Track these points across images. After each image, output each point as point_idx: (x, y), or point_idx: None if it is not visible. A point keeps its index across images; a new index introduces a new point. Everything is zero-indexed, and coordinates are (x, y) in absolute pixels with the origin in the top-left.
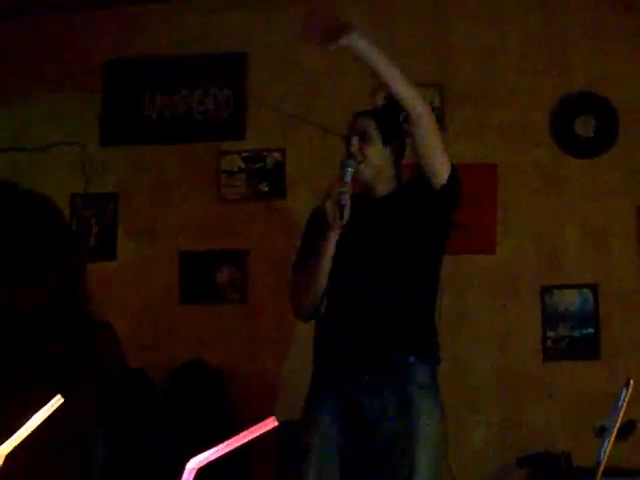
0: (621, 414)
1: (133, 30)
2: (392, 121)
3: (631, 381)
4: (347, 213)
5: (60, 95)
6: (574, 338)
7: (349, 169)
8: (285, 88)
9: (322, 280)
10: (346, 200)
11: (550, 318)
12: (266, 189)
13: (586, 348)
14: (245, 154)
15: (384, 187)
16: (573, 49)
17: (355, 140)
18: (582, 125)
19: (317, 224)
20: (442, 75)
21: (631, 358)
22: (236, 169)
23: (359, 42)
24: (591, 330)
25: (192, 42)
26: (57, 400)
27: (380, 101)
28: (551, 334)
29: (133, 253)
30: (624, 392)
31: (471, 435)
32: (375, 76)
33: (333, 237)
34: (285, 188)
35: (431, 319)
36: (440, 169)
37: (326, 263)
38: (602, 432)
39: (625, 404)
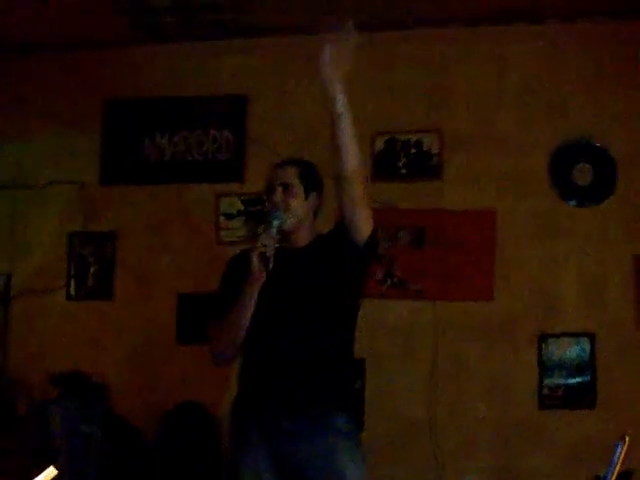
0: (617, 469)
1: (134, 70)
2: (313, 173)
3: (626, 437)
4: (271, 265)
5: (59, 133)
6: (570, 386)
7: (275, 221)
8: (285, 131)
9: (243, 330)
10: (272, 253)
11: (546, 366)
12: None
13: (582, 397)
14: (244, 197)
15: (303, 237)
16: (571, 97)
17: (280, 190)
18: (580, 173)
19: (235, 272)
20: (441, 121)
21: (627, 407)
22: (235, 212)
23: (337, 82)
24: (587, 379)
25: (193, 84)
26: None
27: (380, 146)
28: (547, 382)
29: (131, 293)
30: (620, 447)
31: None
32: (333, 118)
33: (256, 288)
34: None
35: (348, 367)
36: (364, 226)
37: (249, 313)
38: None
39: (621, 459)
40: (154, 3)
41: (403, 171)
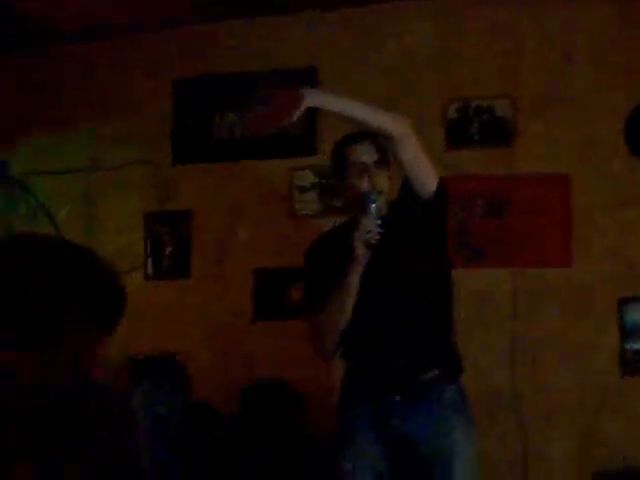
0: None
1: (201, 48)
2: (385, 143)
3: None
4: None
5: (131, 114)
6: None
7: (373, 204)
8: (357, 99)
9: (348, 317)
10: (377, 239)
11: (628, 331)
12: (339, 204)
13: None
14: (318, 169)
15: (382, 210)
16: None
17: (375, 168)
18: None
19: (324, 261)
20: (513, 86)
21: None
22: (309, 185)
23: (321, 98)
24: None
25: (261, 58)
26: None
27: (453, 113)
28: (629, 347)
29: (207, 271)
30: None
31: (550, 451)
32: (348, 122)
33: (358, 274)
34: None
35: (450, 334)
36: (428, 180)
37: (352, 300)
38: None
39: None
40: None
41: (476, 137)
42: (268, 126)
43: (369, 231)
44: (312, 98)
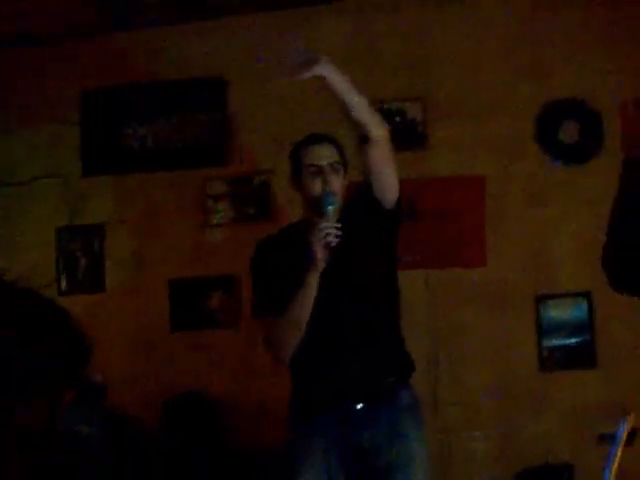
0: (620, 449)
1: (108, 59)
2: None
3: (629, 416)
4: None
5: (39, 127)
6: (570, 347)
7: (331, 206)
8: (265, 110)
9: (306, 320)
10: (336, 241)
11: (545, 328)
12: (252, 212)
13: (582, 357)
14: (229, 178)
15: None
16: (552, 55)
17: (329, 170)
18: (566, 132)
19: (275, 263)
20: (424, 89)
21: (628, 365)
22: (221, 194)
23: (331, 72)
24: (587, 338)
25: (170, 69)
26: None
27: None
28: (546, 344)
29: (122, 284)
30: (623, 427)
31: (470, 449)
32: (340, 103)
33: (317, 277)
34: (272, 211)
35: (402, 338)
36: (392, 189)
37: (311, 303)
38: (603, 439)
39: (624, 438)
40: None
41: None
42: (284, 74)
43: (328, 234)
44: (323, 68)
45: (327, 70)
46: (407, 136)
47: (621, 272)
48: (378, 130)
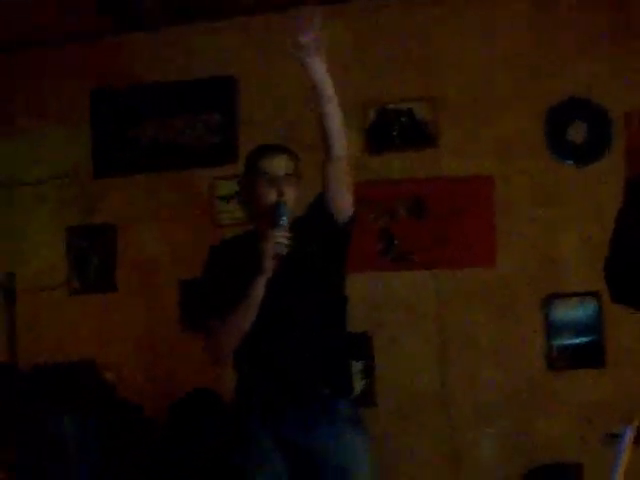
0: (625, 456)
1: (119, 59)
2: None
3: (634, 423)
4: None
5: (50, 127)
6: (579, 346)
7: (284, 217)
8: (275, 110)
9: (249, 325)
10: (286, 251)
11: (553, 327)
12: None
13: (591, 356)
14: (239, 178)
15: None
16: (561, 55)
17: (285, 181)
18: (575, 132)
19: (225, 264)
20: (431, 88)
21: (637, 364)
22: (232, 194)
23: (325, 73)
24: (595, 338)
25: (180, 68)
26: None
27: (372, 117)
28: (555, 343)
29: (133, 283)
30: (627, 432)
31: (479, 449)
32: (317, 103)
33: (264, 285)
34: None
35: (345, 349)
36: (347, 207)
37: (256, 308)
38: (612, 439)
39: (632, 438)
40: None
41: (397, 141)
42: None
43: (278, 242)
44: (321, 65)
45: (322, 68)
46: (416, 136)
47: (621, 286)
48: (340, 150)
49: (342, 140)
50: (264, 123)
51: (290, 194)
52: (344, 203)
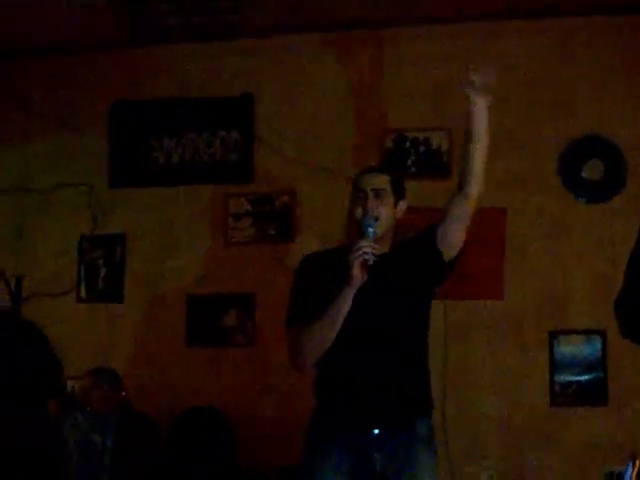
0: None
1: (140, 72)
2: (402, 181)
3: (637, 461)
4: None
5: (67, 136)
6: (582, 384)
7: (371, 228)
8: (292, 130)
9: (334, 335)
10: (373, 260)
11: (558, 364)
12: (274, 232)
13: (594, 394)
14: (252, 197)
15: (386, 244)
16: (578, 92)
17: (372, 196)
18: (590, 169)
19: (315, 275)
20: (449, 119)
21: (639, 404)
22: (243, 212)
23: (483, 105)
24: (599, 376)
25: (199, 85)
26: None
27: (389, 144)
28: (559, 379)
29: (141, 295)
30: (630, 470)
31: (477, 478)
32: (467, 139)
33: (352, 293)
34: (293, 231)
35: (427, 372)
36: (458, 245)
37: (342, 319)
38: (613, 478)
39: (633, 479)
40: (157, 6)
41: (412, 169)
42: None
43: (365, 252)
44: (477, 98)
45: (484, 108)
46: (431, 165)
47: (632, 321)
48: (475, 187)
49: (479, 183)
50: (280, 142)
51: (378, 209)
52: (456, 242)
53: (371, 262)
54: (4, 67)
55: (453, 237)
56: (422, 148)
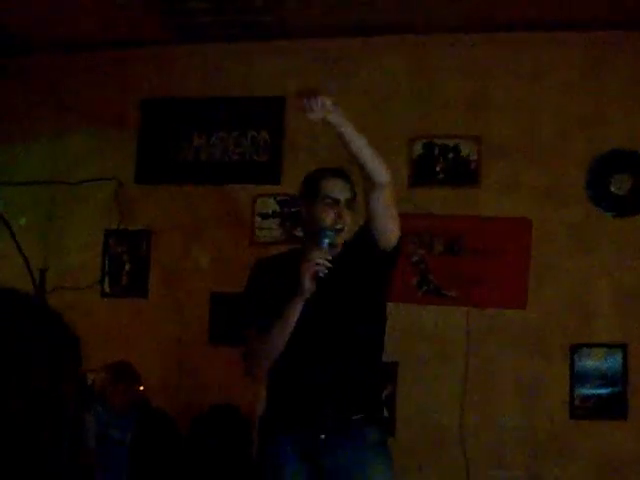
0: None
1: (171, 70)
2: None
3: None
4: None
5: (97, 131)
6: (602, 397)
7: (327, 239)
8: (322, 133)
9: (283, 345)
10: (325, 272)
11: (578, 376)
12: (301, 234)
13: (614, 408)
14: (280, 197)
15: (337, 248)
16: (609, 106)
17: (345, 206)
18: (619, 183)
19: (268, 279)
20: (479, 127)
21: None
22: (270, 212)
23: (341, 121)
24: (619, 389)
25: (230, 84)
26: None
27: (419, 150)
28: (579, 392)
29: (164, 291)
30: None
31: None
32: (344, 146)
33: (301, 303)
34: None
35: (378, 377)
36: (393, 233)
37: (291, 328)
38: None
39: None
40: (190, 4)
41: (441, 176)
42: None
43: (318, 264)
44: (334, 117)
45: (337, 118)
46: (460, 173)
47: None
48: (381, 176)
49: (380, 169)
50: (308, 145)
51: (346, 219)
52: (388, 229)
53: (322, 274)
54: (37, 63)
55: (383, 228)
56: (451, 155)
